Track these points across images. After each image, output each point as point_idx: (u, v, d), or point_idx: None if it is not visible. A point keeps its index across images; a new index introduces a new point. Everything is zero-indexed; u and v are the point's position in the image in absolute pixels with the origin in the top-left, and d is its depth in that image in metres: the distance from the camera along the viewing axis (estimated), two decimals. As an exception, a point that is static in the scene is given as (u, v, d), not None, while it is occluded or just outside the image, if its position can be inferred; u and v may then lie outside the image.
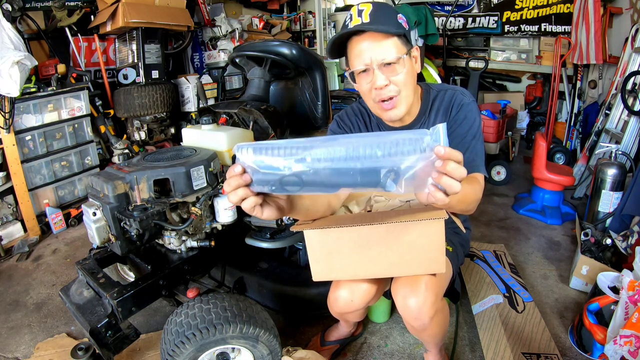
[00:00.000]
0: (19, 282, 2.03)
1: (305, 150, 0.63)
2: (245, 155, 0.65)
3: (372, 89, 1.00)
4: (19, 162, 2.41)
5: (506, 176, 3.15)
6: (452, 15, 4.38)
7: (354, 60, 1.00)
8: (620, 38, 3.11)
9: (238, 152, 0.66)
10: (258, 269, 1.76)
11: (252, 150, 0.65)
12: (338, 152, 0.61)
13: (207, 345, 1.11)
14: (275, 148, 0.64)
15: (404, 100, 1.02)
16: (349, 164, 0.61)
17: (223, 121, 1.75)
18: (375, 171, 0.60)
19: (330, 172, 0.62)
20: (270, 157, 0.64)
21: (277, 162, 0.64)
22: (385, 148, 0.59)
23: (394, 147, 0.59)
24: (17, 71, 2.19)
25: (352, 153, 0.61)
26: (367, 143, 0.60)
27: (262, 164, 0.65)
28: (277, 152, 0.64)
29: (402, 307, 1.01)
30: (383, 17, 0.95)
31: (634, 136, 2.39)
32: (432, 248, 0.88)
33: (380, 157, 0.60)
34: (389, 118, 1.05)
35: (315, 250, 0.94)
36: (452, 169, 0.60)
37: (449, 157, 0.59)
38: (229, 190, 0.68)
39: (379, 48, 0.96)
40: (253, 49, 1.79)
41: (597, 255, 1.76)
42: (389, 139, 0.60)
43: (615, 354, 1.23)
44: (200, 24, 3.77)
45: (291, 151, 0.63)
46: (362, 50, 0.97)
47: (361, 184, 0.62)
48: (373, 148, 0.60)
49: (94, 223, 1.24)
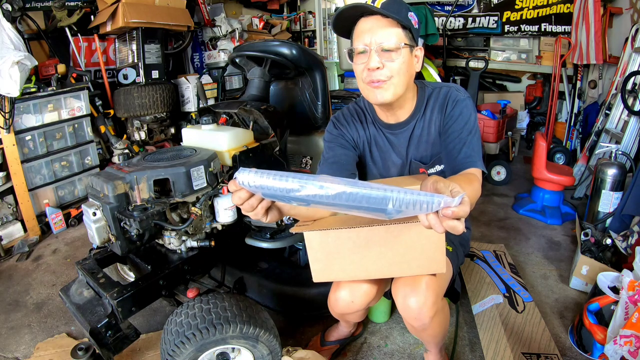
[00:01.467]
0: (19, 282, 2.03)
1: (310, 192, 0.63)
2: (246, 177, 0.65)
3: (365, 69, 1.02)
4: (19, 162, 2.41)
5: (506, 176, 3.15)
6: (452, 15, 4.37)
7: (356, 39, 1.03)
8: (620, 38, 3.11)
9: (239, 179, 0.66)
10: (258, 269, 1.76)
11: (253, 174, 0.65)
12: (345, 201, 0.62)
13: (207, 345, 1.11)
14: (277, 176, 0.64)
15: (393, 87, 1.02)
16: (356, 212, 0.63)
17: (223, 121, 1.75)
18: (382, 208, 0.61)
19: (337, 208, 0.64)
20: (272, 180, 0.64)
21: (281, 184, 0.64)
22: (395, 204, 0.60)
23: (403, 206, 0.60)
24: (17, 71, 2.19)
25: (358, 205, 0.61)
26: (379, 197, 0.60)
27: (264, 187, 0.65)
28: (277, 183, 0.64)
29: (402, 307, 1.01)
30: (394, 9, 0.98)
31: (634, 136, 2.39)
32: (432, 248, 0.88)
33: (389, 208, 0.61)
34: (375, 99, 1.05)
35: (316, 251, 0.94)
36: (453, 225, 0.60)
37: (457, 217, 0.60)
38: (240, 203, 0.73)
39: (381, 32, 0.98)
40: (253, 49, 1.79)
41: (597, 255, 1.76)
42: (406, 199, 0.59)
43: (615, 354, 1.23)
44: (200, 24, 3.77)
45: (295, 195, 0.63)
46: (365, 31, 1.00)
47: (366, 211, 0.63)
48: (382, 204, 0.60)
49: (94, 223, 1.24)
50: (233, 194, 0.72)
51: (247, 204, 0.73)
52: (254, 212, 0.76)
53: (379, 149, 1.21)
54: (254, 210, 0.75)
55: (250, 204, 0.73)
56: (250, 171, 0.65)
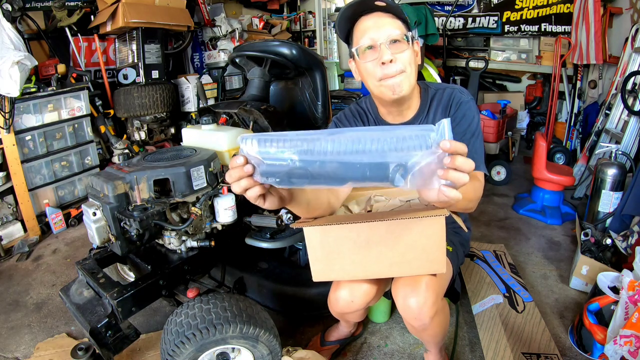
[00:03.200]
0: (19, 282, 2.03)
1: (312, 142, 0.62)
2: (249, 146, 0.64)
3: (377, 65, 1.00)
4: (19, 162, 2.41)
5: (506, 176, 3.15)
6: (452, 15, 4.37)
7: (360, 37, 1.01)
8: (620, 38, 3.11)
9: (242, 143, 0.65)
10: (258, 269, 1.76)
11: (256, 141, 0.64)
12: (344, 145, 0.60)
13: (207, 345, 1.11)
14: (280, 140, 0.63)
15: (407, 79, 1.01)
16: (356, 157, 0.60)
17: (223, 121, 1.75)
18: (384, 166, 0.60)
19: (338, 165, 0.61)
20: (276, 149, 0.63)
21: (283, 153, 0.63)
22: (392, 143, 0.59)
23: (400, 142, 0.59)
24: (17, 71, 2.19)
25: (359, 147, 0.60)
26: (374, 137, 0.60)
27: (268, 155, 0.64)
28: (282, 145, 0.63)
29: (402, 307, 1.01)
30: (390, 1, 0.99)
31: (634, 136, 2.39)
32: (432, 248, 0.88)
33: (387, 152, 0.59)
34: (393, 93, 1.01)
35: (316, 249, 0.94)
36: (460, 163, 0.58)
37: (456, 151, 0.58)
38: (232, 182, 0.68)
39: (386, 25, 0.98)
40: (253, 49, 1.79)
41: (597, 255, 1.76)
42: (395, 134, 0.59)
43: (615, 354, 1.23)
44: (200, 24, 3.77)
45: (297, 143, 0.62)
46: (370, 27, 0.99)
47: (370, 178, 0.61)
48: (380, 142, 0.59)
49: (94, 223, 1.24)
50: (230, 169, 0.67)
51: (243, 180, 0.67)
52: (252, 191, 0.69)
53: None
54: (251, 189, 0.69)
55: (247, 182, 0.67)
56: (254, 137, 0.63)
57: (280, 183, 0.66)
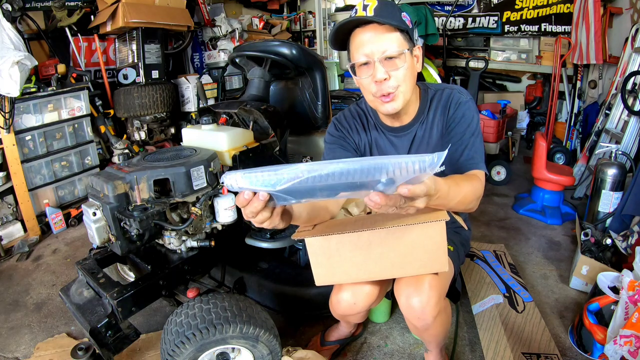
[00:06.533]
0: (19, 282, 2.03)
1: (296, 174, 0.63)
2: (234, 181, 0.66)
3: (372, 82, 1.00)
4: (19, 162, 2.41)
5: (506, 176, 3.15)
6: (452, 15, 4.37)
7: (355, 52, 1.00)
8: (620, 38, 3.11)
9: (227, 183, 0.66)
10: (258, 269, 1.76)
11: (240, 174, 0.66)
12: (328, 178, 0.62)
13: (207, 345, 1.11)
14: (264, 171, 0.64)
15: (402, 95, 1.02)
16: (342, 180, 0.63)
17: (223, 121, 1.75)
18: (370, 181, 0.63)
19: (324, 185, 0.63)
20: (260, 175, 0.64)
21: (269, 177, 0.64)
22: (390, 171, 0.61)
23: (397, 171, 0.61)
24: (17, 71, 2.19)
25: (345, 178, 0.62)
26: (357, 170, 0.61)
27: (255, 180, 0.65)
28: (266, 173, 0.64)
29: (405, 306, 1.01)
30: (387, 13, 0.96)
31: (634, 136, 2.39)
32: (434, 248, 0.88)
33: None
34: (386, 111, 1.05)
35: (317, 255, 0.94)
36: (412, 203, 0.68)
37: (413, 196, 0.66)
38: (252, 217, 0.73)
39: (381, 41, 0.96)
40: (253, 49, 1.79)
41: (597, 255, 1.76)
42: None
43: (615, 354, 1.23)
44: (200, 24, 3.77)
45: (280, 171, 0.64)
46: (364, 42, 0.98)
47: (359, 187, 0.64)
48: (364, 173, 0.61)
49: (94, 223, 1.24)
50: (244, 208, 0.71)
51: (259, 213, 0.72)
52: (270, 220, 0.75)
53: (380, 151, 1.21)
54: (271, 218, 0.75)
55: (260, 213, 0.72)
56: (237, 172, 0.66)
57: (279, 200, 0.69)
